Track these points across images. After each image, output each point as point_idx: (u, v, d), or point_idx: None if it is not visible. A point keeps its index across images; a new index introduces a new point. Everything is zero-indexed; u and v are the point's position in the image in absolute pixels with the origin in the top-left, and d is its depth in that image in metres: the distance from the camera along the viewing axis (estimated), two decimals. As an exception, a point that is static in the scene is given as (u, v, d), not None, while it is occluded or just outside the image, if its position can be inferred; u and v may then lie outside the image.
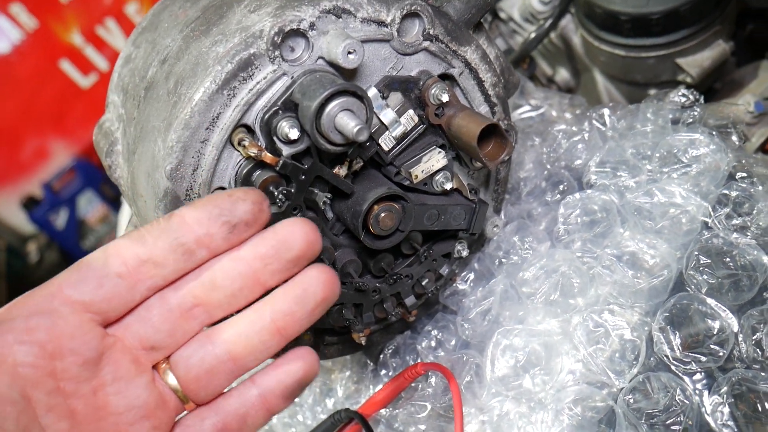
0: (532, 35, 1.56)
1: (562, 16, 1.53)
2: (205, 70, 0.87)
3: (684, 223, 0.99)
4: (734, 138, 1.09)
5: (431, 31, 0.96)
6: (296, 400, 1.32)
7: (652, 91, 1.49)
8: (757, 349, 0.87)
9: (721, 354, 0.87)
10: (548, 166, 1.17)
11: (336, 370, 1.28)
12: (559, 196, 1.13)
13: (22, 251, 6.29)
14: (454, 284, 1.14)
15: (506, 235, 1.11)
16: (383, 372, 1.17)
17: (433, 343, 1.12)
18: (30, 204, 6.27)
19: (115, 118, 1.09)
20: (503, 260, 1.09)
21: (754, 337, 0.88)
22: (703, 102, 1.18)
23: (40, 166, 6.28)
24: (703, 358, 0.88)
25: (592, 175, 1.09)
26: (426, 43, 0.96)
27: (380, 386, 1.17)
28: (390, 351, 1.16)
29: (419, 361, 1.12)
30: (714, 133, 1.07)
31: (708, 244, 0.94)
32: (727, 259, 0.93)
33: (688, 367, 0.88)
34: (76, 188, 6.10)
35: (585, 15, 1.46)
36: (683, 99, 1.17)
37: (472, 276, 1.12)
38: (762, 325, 0.88)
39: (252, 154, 0.86)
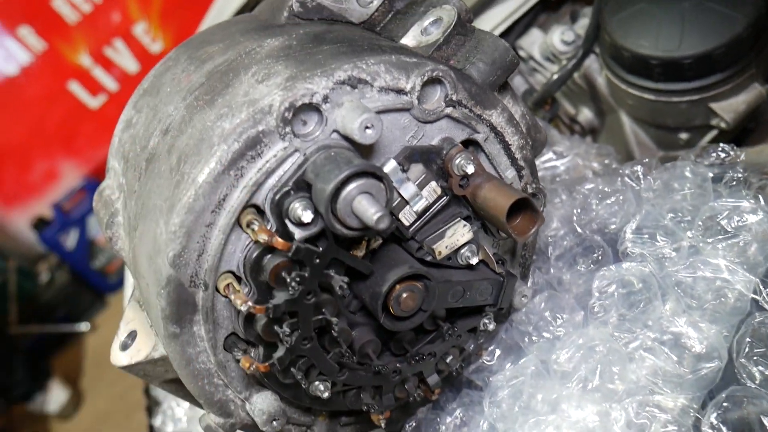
0: (555, 76, 1.48)
1: (586, 57, 1.46)
2: (210, 149, 0.80)
3: (731, 300, 0.91)
4: (780, 198, 1.01)
5: (454, 97, 0.88)
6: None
7: (683, 135, 1.42)
8: (820, 450, 0.79)
9: (780, 457, 0.79)
10: (579, 230, 1.09)
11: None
12: (592, 266, 1.05)
13: (32, 272, 6.27)
14: (480, 359, 1.06)
15: (535, 306, 1.03)
16: (404, 451, 1.09)
17: (457, 422, 1.04)
18: (40, 225, 6.25)
19: (115, 186, 1.02)
20: (534, 337, 1.01)
21: (815, 436, 0.80)
22: (743, 158, 1.10)
23: (50, 187, 6.27)
24: (761, 463, 0.80)
25: (628, 242, 1.02)
26: (449, 110, 0.89)
27: (400, 465, 1.09)
28: (411, 427, 1.09)
29: (444, 443, 1.05)
30: (760, 196, 0.99)
31: (761, 329, 0.86)
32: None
33: (743, 470, 0.80)
34: (86, 209, 6.08)
35: (611, 57, 1.38)
36: (723, 154, 1.09)
37: (498, 351, 1.04)
38: (823, 422, 0.80)
39: (262, 241, 0.79)
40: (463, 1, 1.00)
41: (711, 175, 1.07)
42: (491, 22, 1.59)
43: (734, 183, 1.03)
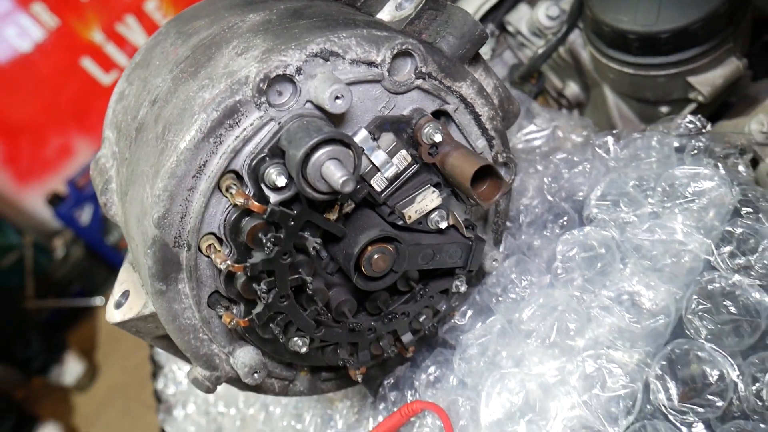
0: (540, 51, 1.52)
1: (570, 31, 1.49)
2: (191, 117, 0.86)
3: (686, 261, 0.96)
4: (741, 168, 1.06)
5: (424, 69, 0.93)
6: (299, 426, 1.32)
7: (663, 108, 1.46)
8: (758, 400, 0.85)
9: (719, 404, 0.85)
10: (549, 197, 1.15)
11: (337, 399, 1.27)
12: (558, 231, 1.10)
13: (48, 247, 6.39)
14: (453, 319, 1.12)
15: (505, 270, 1.09)
16: (382, 405, 1.16)
17: (431, 378, 1.11)
18: (55, 200, 6.35)
19: (110, 154, 1.09)
20: (500, 298, 1.07)
21: (755, 387, 0.86)
22: (710, 128, 1.14)
23: (65, 163, 6.37)
24: (701, 409, 0.85)
25: (593, 208, 1.07)
26: (419, 81, 0.94)
27: (380, 418, 1.16)
28: (389, 384, 1.15)
29: (417, 396, 1.11)
30: (720, 165, 1.03)
31: (708, 287, 0.91)
32: (728, 303, 0.90)
33: (685, 417, 0.86)
34: (99, 184, 6.17)
35: (593, 32, 1.42)
36: (690, 125, 1.14)
37: (470, 312, 1.10)
38: (763, 374, 0.85)
39: (239, 203, 0.85)
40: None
41: (677, 144, 1.11)
42: (480, -2, 1.63)
43: (696, 152, 1.07)
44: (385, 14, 1.02)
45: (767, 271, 0.93)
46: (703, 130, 1.13)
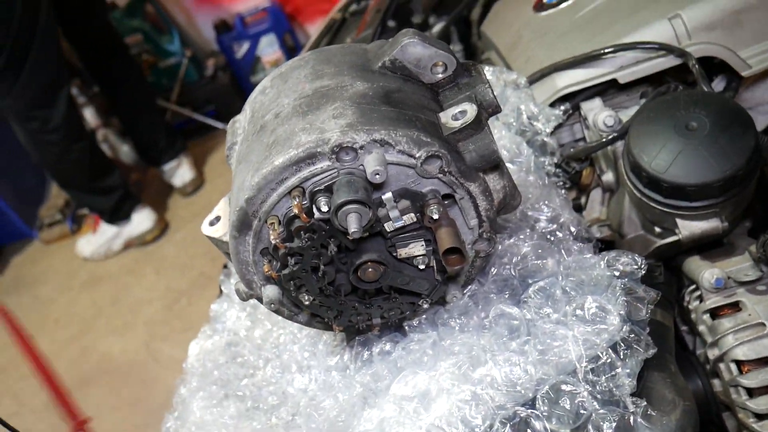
0: (591, 145, 1.90)
1: (614, 142, 1.85)
2: (288, 148, 1.34)
3: (563, 360, 1.40)
4: (642, 312, 1.46)
5: (446, 169, 1.37)
6: (299, 335, 1.86)
7: (657, 228, 1.82)
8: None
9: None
10: (512, 272, 1.58)
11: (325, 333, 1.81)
12: (504, 298, 1.55)
13: (202, 64, 7.14)
14: (413, 320, 1.61)
15: (459, 305, 1.56)
16: (354, 350, 1.68)
17: (385, 350, 1.61)
18: (221, 28, 7.05)
19: (243, 124, 1.59)
20: (446, 322, 1.54)
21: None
22: (644, 267, 1.52)
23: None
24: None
25: (529, 294, 1.50)
26: (440, 175, 1.38)
27: (345, 357, 1.69)
28: (359, 341, 1.67)
29: (372, 356, 1.63)
30: (626, 305, 1.44)
31: (561, 386, 1.35)
32: (567, 402, 1.34)
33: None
34: (262, 28, 6.83)
35: (624, 152, 1.78)
36: (631, 263, 1.53)
37: (424, 316, 1.58)
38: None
39: (295, 212, 1.34)
40: (493, 97, 1.45)
41: (617, 274, 1.52)
42: (570, 79, 1.99)
43: (619, 291, 1.47)
44: (445, 115, 1.44)
45: (606, 393, 1.36)
46: (641, 269, 1.52)
